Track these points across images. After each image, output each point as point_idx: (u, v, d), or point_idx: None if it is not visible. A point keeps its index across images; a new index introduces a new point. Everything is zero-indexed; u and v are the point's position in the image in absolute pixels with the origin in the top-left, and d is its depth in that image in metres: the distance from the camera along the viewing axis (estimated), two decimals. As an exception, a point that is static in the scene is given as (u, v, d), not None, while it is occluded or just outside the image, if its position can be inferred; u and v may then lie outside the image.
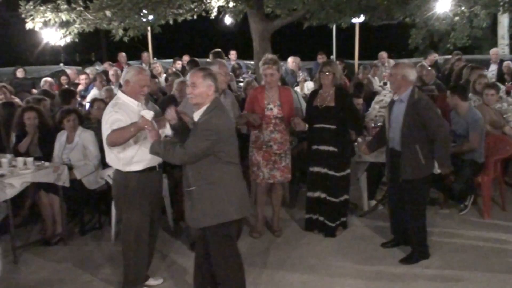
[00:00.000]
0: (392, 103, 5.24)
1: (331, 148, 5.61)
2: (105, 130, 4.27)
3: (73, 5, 10.05)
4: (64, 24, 10.44)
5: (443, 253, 5.31)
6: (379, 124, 6.78)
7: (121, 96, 4.43)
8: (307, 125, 5.71)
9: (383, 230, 5.80)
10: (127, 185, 4.37)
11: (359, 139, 6.03)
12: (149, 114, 4.06)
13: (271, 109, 5.64)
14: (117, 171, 4.45)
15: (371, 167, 6.41)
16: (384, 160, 5.63)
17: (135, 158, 4.34)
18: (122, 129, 4.17)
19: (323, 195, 5.74)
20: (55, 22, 10.20)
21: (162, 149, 3.91)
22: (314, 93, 5.86)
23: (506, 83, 9.57)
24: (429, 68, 9.73)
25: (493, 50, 12.49)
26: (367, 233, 5.89)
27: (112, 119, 4.25)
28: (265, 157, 5.64)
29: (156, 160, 4.41)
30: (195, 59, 9.81)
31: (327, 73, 5.63)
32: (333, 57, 16.22)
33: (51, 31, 10.70)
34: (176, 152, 3.85)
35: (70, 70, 12.48)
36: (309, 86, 10.05)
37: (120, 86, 4.99)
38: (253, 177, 5.76)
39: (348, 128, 5.71)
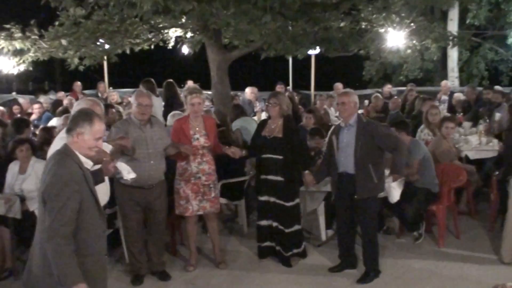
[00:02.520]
0: (338, 129, 5.44)
1: (278, 178, 5.65)
2: None
3: (28, 33, 9.88)
4: (18, 52, 10.24)
5: (404, 283, 5.36)
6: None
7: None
8: (244, 152, 5.74)
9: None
10: None
11: (306, 172, 5.85)
12: (108, 148, 3.97)
13: (197, 139, 5.60)
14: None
15: (329, 197, 6.46)
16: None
17: None
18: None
19: (274, 224, 5.76)
20: (9, 50, 10.00)
21: None
22: (263, 123, 5.91)
23: (457, 114, 9.88)
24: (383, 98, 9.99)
25: (443, 83, 12.96)
26: (325, 262, 5.89)
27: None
28: (194, 189, 5.58)
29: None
30: (150, 79, 9.76)
31: (273, 104, 5.69)
32: (290, 87, 16.44)
33: (3, 59, 10.48)
34: None
35: (23, 99, 12.21)
36: (266, 116, 10.12)
37: None
38: (180, 210, 5.66)
39: (297, 159, 5.73)
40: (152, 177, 5.28)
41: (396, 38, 11.36)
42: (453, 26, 18.35)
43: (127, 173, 4.19)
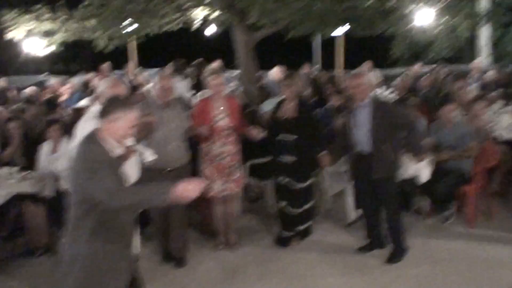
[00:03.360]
0: (352, 110, 5.40)
1: (292, 158, 5.63)
2: None
3: (57, 14, 9.98)
4: (48, 33, 10.38)
5: (432, 264, 5.34)
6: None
7: (96, 110, 3.79)
8: (261, 133, 5.63)
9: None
10: None
11: (322, 153, 5.80)
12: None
13: (221, 120, 5.56)
14: None
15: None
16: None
17: None
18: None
19: (283, 204, 5.79)
20: (39, 31, 10.14)
21: None
22: (279, 103, 5.87)
23: (489, 93, 9.68)
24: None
25: (475, 61, 12.69)
26: (353, 242, 5.89)
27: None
28: (218, 170, 5.57)
29: None
30: (180, 59, 9.78)
31: (287, 85, 5.68)
32: (318, 66, 16.33)
33: (34, 40, 10.63)
34: None
35: (53, 80, 12.37)
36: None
37: None
38: (205, 191, 5.54)
39: (310, 140, 5.71)
40: (172, 160, 5.20)
41: (425, 16, 11.14)
42: (484, 3, 17.91)
43: (148, 155, 4.20)
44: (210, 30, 13.39)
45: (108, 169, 3.07)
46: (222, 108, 5.58)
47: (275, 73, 11.35)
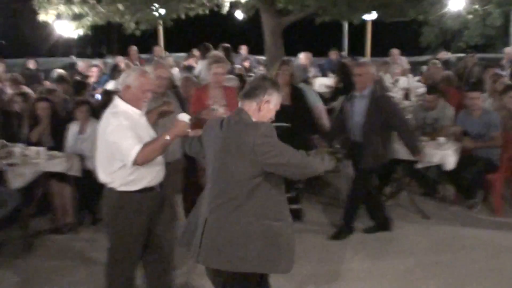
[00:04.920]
0: (352, 97, 5.57)
1: None
2: (106, 143, 3.62)
3: (86, -3, 10.09)
4: (77, 17, 10.50)
5: (454, 251, 5.30)
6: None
7: (119, 103, 3.71)
8: None
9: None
10: (122, 206, 3.72)
11: (315, 136, 5.88)
12: (186, 117, 3.63)
13: (216, 109, 5.32)
14: (110, 190, 3.75)
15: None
16: (396, 157, 5.81)
17: (133, 176, 3.66)
18: (154, 142, 3.60)
19: None
20: (68, 14, 10.26)
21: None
22: None
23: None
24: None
25: (506, 49, 12.40)
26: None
27: (115, 127, 3.56)
28: None
29: (156, 179, 3.81)
30: (206, 44, 9.80)
31: (286, 72, 5.67)
32: (345, 53, 16.19)
33: (63, 24, 10.76)
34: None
35: (82, 63, 12.52)
36: (320, 82, 10.02)
37: None
38: (201, 181, 5.36)
39: (304, 128, 5.72)
40: (166, 153, 4.71)
41: (456, 3, 10.96)
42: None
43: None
44: (239, 15, 13.38)
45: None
46: (218, 97, 5.34)
47: (302, 58, 11.30)
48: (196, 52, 11.29)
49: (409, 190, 6.64)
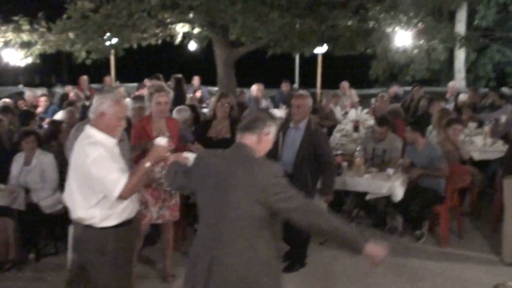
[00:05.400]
0: (286, 128, 5.59)
1: None
2: (85, 175, 3.40)
3: (35, 26, 9.93)
4: (25, 45, 10.30)
5: (403, 282, 5.36)
6: (338, 152, 6.95)
7: (94, 133, 3.50)
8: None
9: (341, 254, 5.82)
10: (105, 245, 3.46)
11: None
12: (164, 141, 3.57)
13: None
14: (87, 228, 3.46)
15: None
16: (345, 188, 5.86)
17: (114, 209, 3.47)
18: (136, 173, 3.46)
19: None
20: (16, 42, 10.06)
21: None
22: (206, 124, 5.79)
23: (463, 115, 9.85)
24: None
25: (451, 83, 12.93)
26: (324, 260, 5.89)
27: (95, 158, 3.36)
28: (154, 195, 5.04)
29: (135, 209, 3.68)
30: (157, 74, 9.80)
31: (225, 105, 5.64)
32: (296, 85, 16.45)
33: (11, 52, 10.53)
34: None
35: (29, 92, 12.25)
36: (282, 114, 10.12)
37: (83, 111, 4.46)
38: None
39: None
40: None
41: (403, 38, 11.34)
42: (461, 27, 18.33)
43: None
44: (191, 46, 13.44)
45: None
46: (162, 128, 5.12)
47: (254, 90, 11.42)
48: (147, 82, 11.24)
49: (358, 222, 6.73)
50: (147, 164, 3.47)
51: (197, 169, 3.21)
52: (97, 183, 3.37)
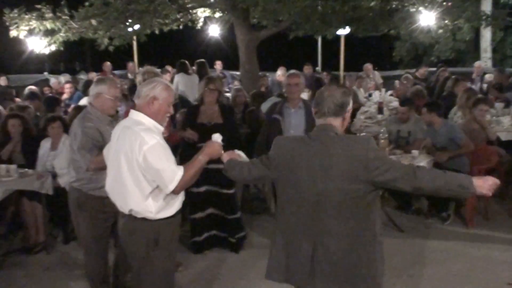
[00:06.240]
0: (282, 110, 5.50)
1: (220, 166, 4.20)
2: (141, 164, 3.16)
3: (58, 14, 10.03)
4: (49, 33, 10.42)
5: (429, 263, 5.33)
6: (363, 134, 6.88)
7: (144, 119, 3.28)
8: (196, 135, 5.41)
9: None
10: (158, 238, 3.32)
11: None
12: (220, 138, 3.47)
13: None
14: (143, 221, 3.28)
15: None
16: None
17: (168, 199, 3.30)
18: (191, 167, 3.29)
19: (216, 212, 5.59)
20: (40, 30, 10.18)
21: None
22: (195, 110, 5.64)
23: (489, 95, 9.69)
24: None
25: (477, 63, 12.69)
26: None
27: (153, 146, 3.14)
28: None
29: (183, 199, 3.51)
30: (183, 61, 9.82)
31: (213, 90, 5.50)
32: (319, 68, 16.33)
33: (35, 40, 10.67)
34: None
35: (54, 79, 12.41)
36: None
37: None
38: None
39: (235, 145, 5.62)
40: None
41: (427, 18, 11.16)
42: (487, 5, 17.92)
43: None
44: (213, 30, 13.42)
45: None
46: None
47: (279, 75, 11.38)
48: (169, 67, 11.30)
49: (383, 204, 6.69)
50: (201, 159, 3.34)
51: (279, 155, 3.06)
52: (153, 172, 3.15)
